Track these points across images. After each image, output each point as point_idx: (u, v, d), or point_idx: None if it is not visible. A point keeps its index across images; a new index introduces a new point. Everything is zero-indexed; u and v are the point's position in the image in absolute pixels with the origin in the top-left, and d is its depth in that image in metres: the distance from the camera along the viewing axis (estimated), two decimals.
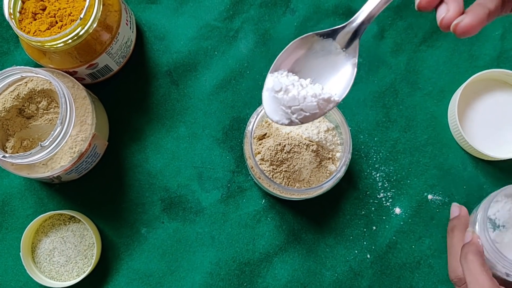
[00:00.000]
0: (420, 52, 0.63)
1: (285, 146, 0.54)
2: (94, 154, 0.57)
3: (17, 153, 0.53)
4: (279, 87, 0.41)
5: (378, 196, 0.60)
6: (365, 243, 0.59)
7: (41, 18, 0.52)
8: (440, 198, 0.60)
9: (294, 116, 0.42)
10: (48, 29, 0.52)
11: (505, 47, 0.63)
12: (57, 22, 0.52)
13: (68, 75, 0.54)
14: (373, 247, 0.59)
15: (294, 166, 0.54)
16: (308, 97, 0.41)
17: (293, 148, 0.54)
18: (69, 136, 0.51)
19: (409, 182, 0.60)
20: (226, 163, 0.60)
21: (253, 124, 0.54)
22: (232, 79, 0.62)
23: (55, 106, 0.55)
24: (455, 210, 0.54)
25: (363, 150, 0.61)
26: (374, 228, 0.59)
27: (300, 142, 0.54)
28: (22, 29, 0.52)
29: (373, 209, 0.59)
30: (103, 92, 0.61)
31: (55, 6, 0.52)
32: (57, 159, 0.53)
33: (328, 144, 0.56)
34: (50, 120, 0.54)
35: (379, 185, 0.60)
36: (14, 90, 0.53)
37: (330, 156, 0.56)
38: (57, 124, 0.49)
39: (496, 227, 0.52)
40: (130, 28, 0.59)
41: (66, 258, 0.57)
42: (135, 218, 0.59)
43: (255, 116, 0.55)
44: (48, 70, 0.53)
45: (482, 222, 0.48)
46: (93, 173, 0.60)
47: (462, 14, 0.35)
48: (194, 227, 0.59)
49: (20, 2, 0.53)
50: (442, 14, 0.35)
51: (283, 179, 0.54)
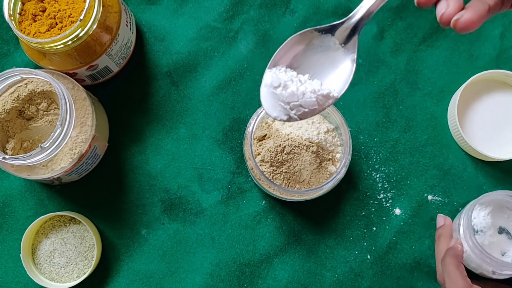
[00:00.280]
0: (419, 52, 0.63)
1: (285, 147, 0.54)
2: (94, 156, 0.57)
3: (17, 154, 0.53)
4: (278, 83, 0.40)
5: (378, 197, 0.60)
6: (365, 244, 0.59)
7: (41, 19, 0.52)
8: (440, 198, 0.60)
9: (293, 112, 0.41)
10: (48, 30, 0.51)
11: (504, 46, 0.63)
12: (57, 24, 0.52)
13: (68, 77, 0.54)
14: (373, 248, 0.59)
15: (294, 167, 0.54)
16: (307, 93, 0.40)
17: (293, 149, 0.54)
18: (69, 137, 0.51)
19: (409, 182, 0.60)
20: (226, 164, 0.60)
21: (253, 125, 0.54)
22: (232, 80, 0.62)
23: (55, 108, 0.54)
24: (440, 220, 0.57)
25: (363, 150, 0.61)
26: (374, 228, 0.59)
27: (300, 143, 0.54)
28: (22, 30, 0.52)
29: (373, 209, 0.60)
30: (103, 93, 0.61)
31: (55, 8, 0.52)
32: (57, 161, 0.53)
33: (328, 145, 0.56)
34: (50, 121, 0.54)
35: (379, 186, 0.60)
36: (14, 91, 0.53)
37: (330, 157, 0.56)
38: (57, 125, 0.49)
39: (475, 232, 0.55)
40: (130, 29, 0.59)
41: (66, 259, 0.57)
42: (136, 219, 0.59)
43: (255, 117, 0.55)
44: (48, 72, 0.53)
45: (466, 227, 0.52)
46: (93, 174, 0.60)
47: (462, 9, 0.35)
48: (195, 228, 0.59)
49: (20, 3, 0.52)
50: (442, 10, 0.35)
51: (283, 180, 0.54)
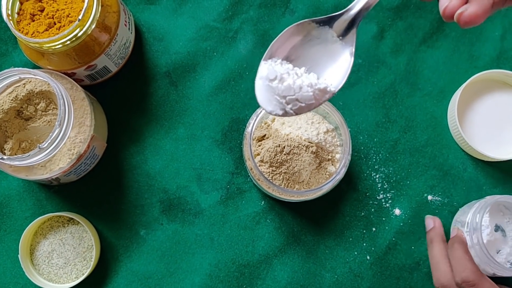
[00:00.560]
0: (420, 52, 0.63)
1: (284, 147, 0.54)
2: (93, 156, 0.57)
3: (15, 155, 0.53)
4: (274, 75, 0.39)
5: (377, 197, 0.60)
6: (364, 245, 0.59)
7: (39, 19, 0.52)
8: (439, 199, 0.60)
9: (289, 106, 0.40)
10: (46, 30, 0.51)
11: (505, 47, 0.63)
12: (55, 24, 0.51)
13: (66, 77, 0.54)
14: (372, 249, 0.59)
15: (294, 167, 0.54)
16: (304, 86, 0.39)
17: (292, 149, 0.54)
18: (67, 137, 0.51)
19: (408, 183, 0.60)
20: (225, 165, 0.60)
21: (252, 125, 0.54)
22: (231, 80, 0.62)
23: (54, 108, 0.54)
24: (430, 222, 0.57)
25: (363, 151, 0.60)
26: (373, 229, 0.59)
27: (299, 144, 0.54)
28: (20, 30, 0.52)
29: (372, 210, 0.59)
30: (102, 93, 0.61)
31: (53, 7, 0.52)
32: (55, 161, 0.52)
33: (327, 145, 0.56)
34: (48, 121, 0.54)
35: (379, 186, 0.60)
36: (12, 91, 0.53)
37: (330, 157, 0.56)
38: (55, 125, 0.49)
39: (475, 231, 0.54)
40: (129, 29, 0.58)
41: (65, 260, 0.57)
42: (134, 220, 0.59)
43: (255, 117, 0.55)
44: (46, 72, 0.52)
45: (473, 227, 0.53)
46: (91, 174, 0.59)
47: (466, 3, 0.34)
48: (193, 229, 0.59)
49: (18, 3, 0.52)
50: (445, 3, 0.34)
51: (283, 181, 0.54)
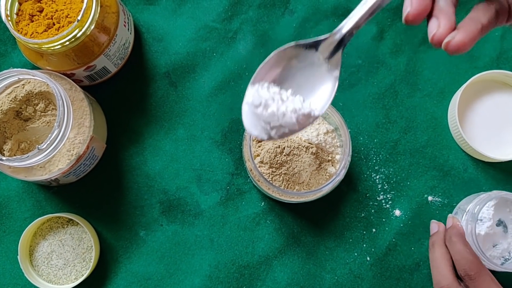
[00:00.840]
0: (419, 53, 0.62)
1: (284, 148, 0.54)
2: (92, 157, 0.57)
3: (14, 155, 0.53)
4: (259, 102, 0.40)
5: (378, 198, 0.59)
6: (364, 246, 0.59)
7: (38, 20, 0.52)
8: (440, 199, 0.60)
9: (273, 132, 0.41)
10: (45, 31, 0.51)
11: (504, 48, 0.62)
12: (54, 24, 0.51)
13: (65, 77, 0.54)
14: (372, 250, 0.59)
15: (294, 168, 0.54)
16: (287, 113, 0.40)
17: (292, 150, 0.54)
18: (66, 138, 0.51)
19: (409, 183, 0.60)
20: (225, 166, 0.60)
21: None
22: (231, 81, 0.62)
23: (53, 108, 0.54)
24: (434, 226, 0.57)
25: (363, 152, 0.60)
26: (373, 230, 0.59)
27: (299, 145, 0.54)
28: (19, 31, 0.52)
29: (372, 211, 0.59)
30: (101, 94, 0.60)
31: (52, 8, 0.51)
32: (55, 162, 0.52)
33: (327, 146, 0.56)
34: (47, 122, 0.54)
35: (379, 187, 0.60)
36: (11, 92, 0.53)
37: (330, 158, 0.56)
38: (54, 126, 0.49)
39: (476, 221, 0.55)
40: (128, 29, 0.58)
41: (64, 261, 0.57)
42: (134, 221, 0.59)
43: None
44: (45, 72, 0.52)
45: (471, 216, 0.54)
46: (91, 175, 0.59)
47: (454, 29, 0.33)
48: (193, 230, 0.59)
49: (17, 3, 0.52)
50: (433, 30, 0.34)
51: (283, 182, 0.54)
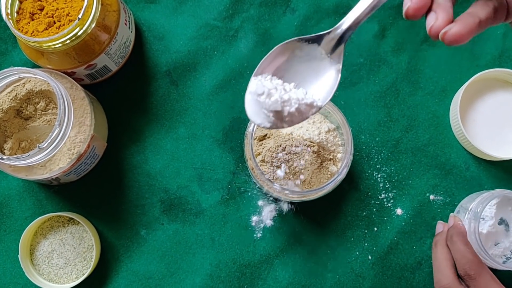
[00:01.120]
0: (421, 51, 0.62)
1: (285, 147, 0.54)
2: (93, 156, 0.56)
3: (15, 154, 0.53)
4: (262, 91, 0.40)
5: (379, 197, 0.59)
6: (366, 245, 0.58)
7: (39, 18, 0.52)
8: (442, 198, 0.59)
9: (276, 120, 0.41)
10: (46, 29, 0.51)
11: (507, 46, 0.62)
12: (55, 22, 0.51)
13: (66, 76, 0.54)
14: (374, 248, 0.58)
15: (295, 167, 0.54)
16: (291, 101, 0.40)
17: (293, 149, 0.54)
18: (67, 137, 0.51)
19: (410, 182, 0.60)
20: (226, 164, 0.60)
21: (253, 125, 0.54)
22: (232, 79, 0.62)
23: (53, 107, 0.54)
24: (440, 227, 0.57)
25: (364, 150, 0.60)
26: (375, 229, 0.59)
27: (301, 143, 0.54)
28: (19, 29, 0.51)
29: (374, 210, 0.59)
30: (102, 92, 0.60)
31: (53, 6, 0.51)
32: (55, 161, 0.52)
33: (329, 145, 0.55)
34: (48, 121, 0.54)
35: (381, 186, 0.59)
36: (11, 91, 0.53)
37: (331, 157, 0.56)
38: (55, 125, 0.49)
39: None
40: (129, 28, 0.58)
41: (65, 260, 0.57)
42: (135, 220, 0.59)
43: None
44: (46, 71, 0.52)
45: (473, 215, 0.54)
46: (92, 174, 0.59)
47: (452, 22, 0.35)
48: (194, 229, 0.59)
49: (17, 2, 0.52)
50: (431, 22, 0.35)
51: (284, 181, 0.54)
